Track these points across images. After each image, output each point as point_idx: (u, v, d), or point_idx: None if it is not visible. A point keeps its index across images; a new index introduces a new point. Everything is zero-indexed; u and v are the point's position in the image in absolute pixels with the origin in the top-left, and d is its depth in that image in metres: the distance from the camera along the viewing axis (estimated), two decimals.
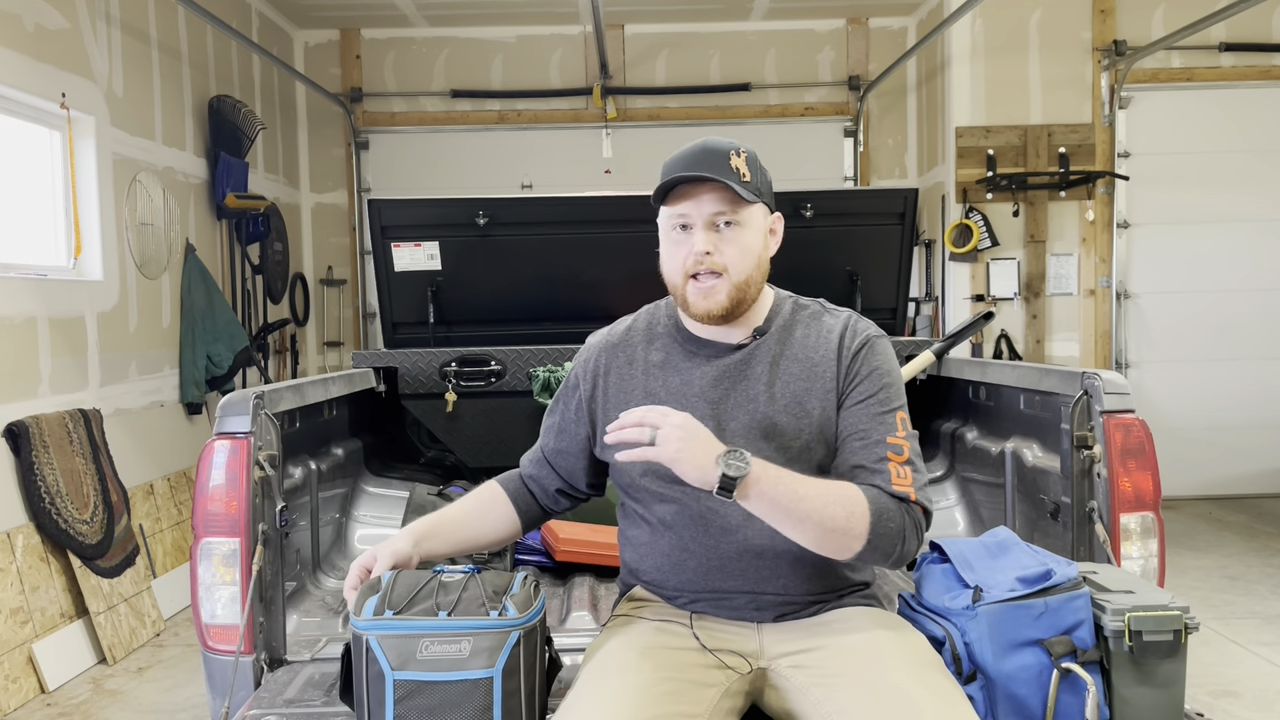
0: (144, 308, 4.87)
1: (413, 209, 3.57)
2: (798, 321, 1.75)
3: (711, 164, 1.64)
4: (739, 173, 1.65)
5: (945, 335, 3.33)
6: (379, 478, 3.21)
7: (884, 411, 1.66)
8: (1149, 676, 1.64)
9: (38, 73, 4.10)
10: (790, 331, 1.74)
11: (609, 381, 1.79)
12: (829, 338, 1.72)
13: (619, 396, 1.77)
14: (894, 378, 1.71)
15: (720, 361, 1.72)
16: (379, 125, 7.28)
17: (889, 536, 1.56)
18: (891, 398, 1.68)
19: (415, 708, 1.48)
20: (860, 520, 1.54)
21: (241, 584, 2.00)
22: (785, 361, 1.70)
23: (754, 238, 1.68)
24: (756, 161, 1.70)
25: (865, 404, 1.67)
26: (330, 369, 7.30)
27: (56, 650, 3.79)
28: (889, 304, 3.74)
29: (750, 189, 1.65)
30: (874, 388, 1.68)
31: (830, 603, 1.70)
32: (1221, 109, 6.45)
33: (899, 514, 1.58)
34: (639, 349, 1.79)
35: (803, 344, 1.72)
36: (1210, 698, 3.47)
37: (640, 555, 1.77)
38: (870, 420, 1.66)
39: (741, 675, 1.64)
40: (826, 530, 1.52)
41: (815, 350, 1.71)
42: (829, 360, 1.70)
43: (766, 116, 7.27)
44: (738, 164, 1.65)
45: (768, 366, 1.70)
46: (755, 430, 1.67)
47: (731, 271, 1.66)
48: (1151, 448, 2.09)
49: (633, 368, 1.78)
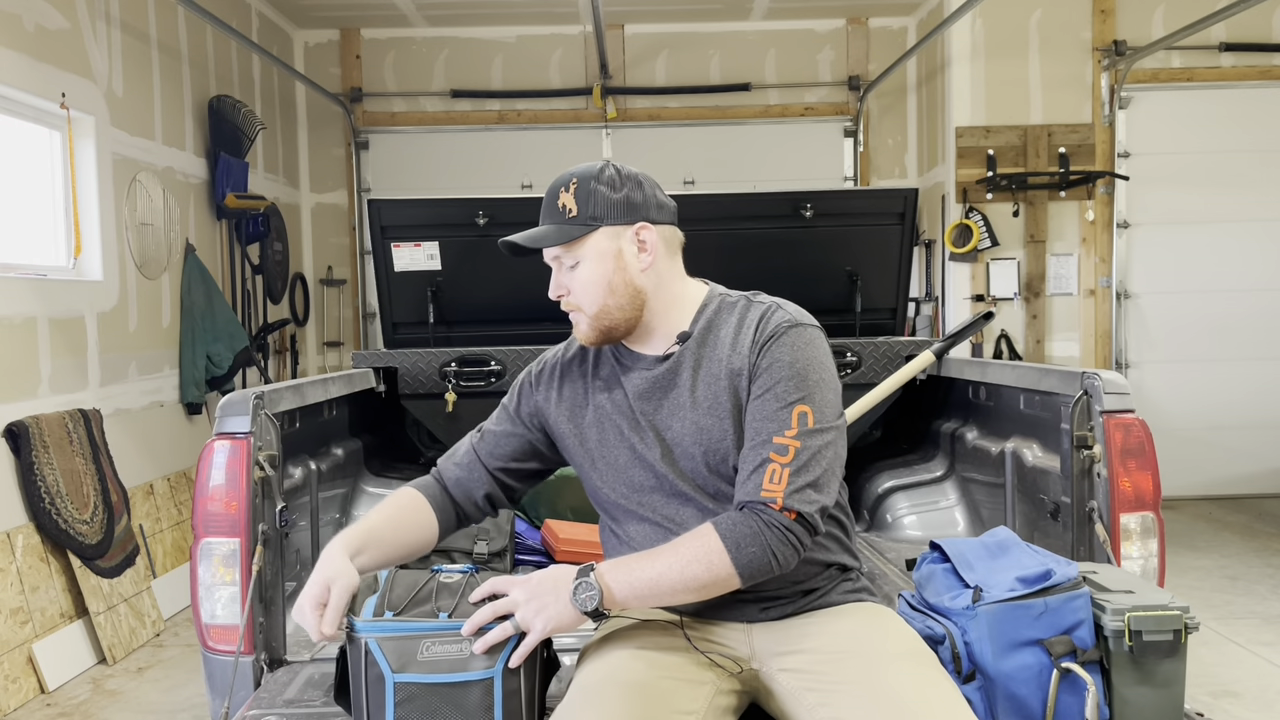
0: (144, 308, 4.87)
1: (413, 209, 3.57)
2: (721, 320, 1.72)
3: (546, 209, 1.71)
4: (565, 210, 1.68)
5: (945, 335, 3.33)
6: (379, 478, 3.20)
7: (779, 408, 1.59)
8: (1149, 676, 1.64)
9: (38, 73, 4.10)
10: (714, 331, 1.71)
11: (562, 396, 1.81)
12: (746, 333, 1.67)
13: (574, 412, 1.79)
14: (797, 369, 1.61)
15: (649, 373, 1.72)
16: (379, 125, 7.28)
17: (758, 561, 1.53)
18: (788, 391, 1.59)
19: (416, 710, 1.47)
20: (721, 564, 1.52)
21: (241, 584, 2.00)
22: (707, 363, 1.69)
23: (594, 268, 1.67)
24: (594, 184, 1.67)
25: (761, 399, 1.61)
26: (330, 369, 7.30)
27: (56, 650, 3.79)
28: (889, 304, 3.74)
29: (579, 222, 1.66)
30: (771, 381, 1.61)
31: (819, 593, 1.69)
32: (1221, 109, 6.45)
33: (756, 534, 1.52)
34: (590, 365, 1.81)
35: (723, 342, 1.69)
36: (1210, 698, 3.47)
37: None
38: (762, 418, 1.60)
39: (733, 675, 1.64)
40: (698, 589, 1.53)
41: (733, 349, 1.67)
42: (743, 356, 1.65)
43: (766, 116, 7.27)
44: (565, 200, 1.68)
45: (691, 371, 1.69)
46: (688, 436, 1.67)
47: (585, 306, 1.70)
48: (1151, 448, 2.09)
49: (585, 382, 1.80)
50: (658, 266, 1.71)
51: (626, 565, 1.54)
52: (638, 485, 1.71)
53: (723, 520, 1.56)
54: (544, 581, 1.53)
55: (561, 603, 1.50)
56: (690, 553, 1.53)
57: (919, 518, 3.17)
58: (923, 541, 2.98)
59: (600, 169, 1.70)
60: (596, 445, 1.75)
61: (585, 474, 1.79)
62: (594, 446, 1.76)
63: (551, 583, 1.53)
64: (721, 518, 1.57)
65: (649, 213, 1.70)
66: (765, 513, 1.54)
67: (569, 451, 1.81)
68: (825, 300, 3.50)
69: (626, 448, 1.72)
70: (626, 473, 1.72)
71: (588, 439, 1.77)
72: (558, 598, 1.51)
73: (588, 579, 1.51)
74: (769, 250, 3.54)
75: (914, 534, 3.14)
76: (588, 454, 1.77)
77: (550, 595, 1.51)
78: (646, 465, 1.70)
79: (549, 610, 1.50)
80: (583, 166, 1.72)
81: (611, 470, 1.73)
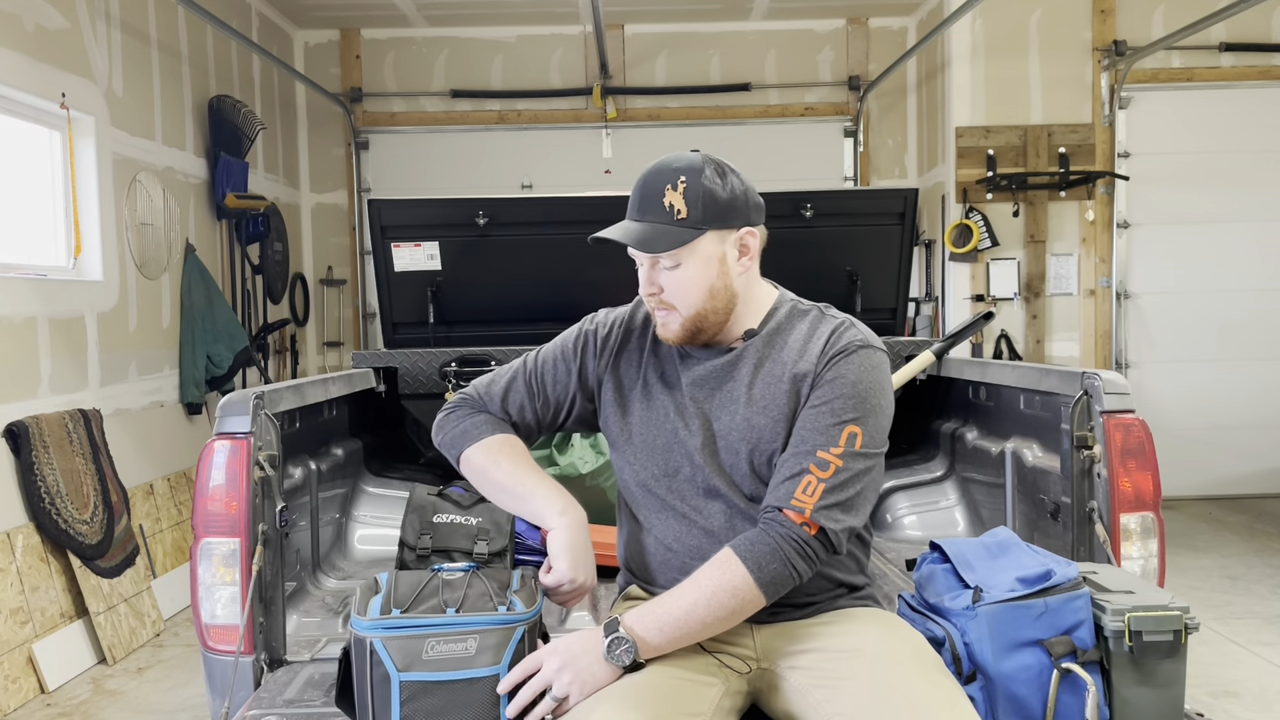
0: (144, 308, 4.87)
1: (413, 209, 3.57)
2: (792, 325, 1.72)
3: (645, 205, 1.64)
4: (673, 210, 1.61)
5: (945, 335, 3.33)
6: (379, 478, 3.21)
7: (832, 423, 1.59)
8: (1149, 676, 1.64)
9: (38, 73, 4.10)
10: (782, 335, 1.71)
11: (620, 358, 1.80)
12: (816, 342, 1.68)
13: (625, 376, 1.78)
14: (860, 390, 1.61)
15: (710, 363, 1.72)
16: (379, 125, 7.28)
17: (780, 576, 1.54)
18: (845, 409, 1.60)
19: (422, 709, 1.47)
20: (746, 588, 1.52)
21: (241, 584, 2.00)
22: (769, 364, 1.69)
23: (696, 273, 1.63)
24: (704, 184, 1.61)
25: (816, 410, 1.61)
26: (330, 369, 7.30)
27: (56, 650, 3.79)
28: (889, 304, 3.74)
29: (689, 225, 1.61)
30: (830, 395, 1.61)
31: (824, 605, 1.69)
32: (1221, 109, 6.45)
33: (775, 550, 1.53)
34: (649, 339, 1.80)
35: (791, 347, 1.69)
36: (1210, 698, 3.47)
37: (632, 550, 1.79)
38: (812, 429, 1.60)
39: (740, 675, 1.64)
40: (728, 617, 1.53)
41: (801, 354, 1.67)
42: (811, 364, 1.65)
43: (766, 116, 7.27)
44: (672, 200, 1.61)
45: (752, 368, 1.69)
46: (736, 432, 1.67)
47: (680, 308, 1.66)
48: (1151, 448, 2.09)
49: (641, 354, 1.79)
50: (750, 269, 1.70)
51: (653, 611, 1.53)
52: (671, 470, 1.70)
53: (740, 543, 1.55)
54: (572, 646, 1.51)
55: (597, 664, 1.49)
56: (714, 584, 1.52)
57: (919, 518, 3.17)
58: (923, 541, 2.98)
59: (703, 164, 1.63)
60: (639, 421, 1.74)
61: (619, 449, 1.77)
62: (635, 422, 1.75)
63: (580, 646, 1.51)
64: (738, 541, 1.56)
65: (751, 215, 1.68)
66: (785, 524, 1.55)
67: (608, 421, 1.79)
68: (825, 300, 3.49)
69: (669, 430, 1.71)
70: (663, 456, 1.71)
71: (631, 412, 1.76)
72: (591, 659, 1.49)
73: (619, 634, 1.49)
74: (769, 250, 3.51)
75: (914, 534, 3.14)
76: (627, 428, 1.75)
77: (583, 658, 1.49)
78: (686, 452, 1.69)
79: (584, 675, 1.49)
80: (685, 160, 1.65)
81: (647, 450, 1.72)
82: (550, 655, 1.50)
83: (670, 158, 1.67)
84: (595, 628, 1.54)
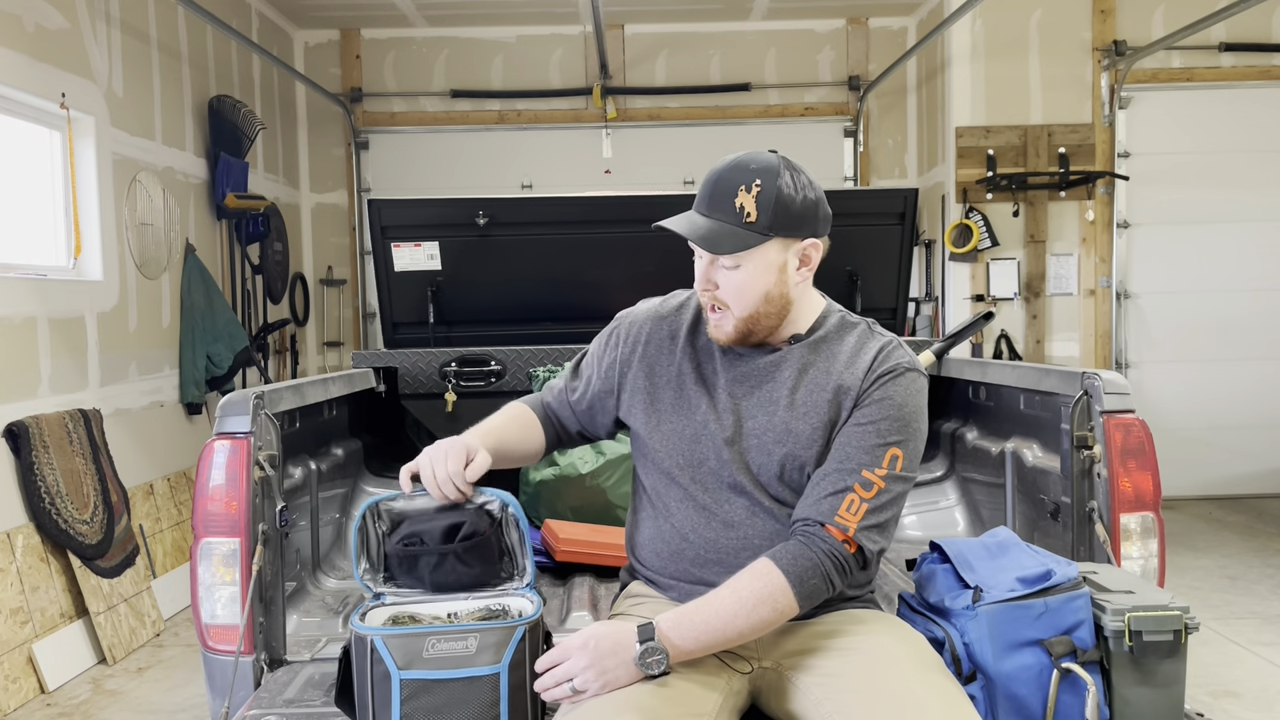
0: (144, 308, 4.87)
1: (413, 209, 3.57)
2: (840, 336, 1.73)
3: (715, 201, 1.62)
4: (742, 212, 1.59)
5: (945, 335, 3.33)
6: (379, 478, 3.21)
7: (878, 444, 1.61)
8: (1149, 676, 1.65)
9: (38, 73, 4.10)
10: (828, 344, 1.72)
11: (646, 350, 1.80)
12: (864, 358, 1.68)
13: (651, 369, 1.78)
14: (906, 413, 1.63)
15: (753, 361, 1.72)
16: (379, 125, 7.28)
17: (817, 592, 1.56)
18: (891, 431, 1.62)
19: (422, 707, 1.47)
20: (786, 601, 1.53)
21: (241, 584, 2.00)
22: (814, 371, 1.69)
23: (755, 277, 1.62)
24: (779, 190, 1.59)
25: (862, 429, 1.63)
26: (330, 369, 7.30)
27: (56, 650, 3.79)
28: (889, 304, 3.74)
29: (758, 229, 1.60)
30: (878, 415, 1.62)
31: (826, 608, 1.69)
32: (1221, 109, 6.45)
33: (817, 567, 1.55)
34: (685, 328, 1.79)
35: (837, 358, 1.69)
36: (1210, 698, 3.47)
37: (643, 537, 1.79)
38: (859, 448, 1.61)
39: (742, 675, 1.64)
40: (763, 628, 1.54)
41: (847, 367, 1.68)
42: (856, 379, 1.66)
43: (766, 116, 7.27)
44: (744, 202, 1.59)
45: (795, 373, 1.69)
46: (770, 434, 1.67)
47: (734, 308, 1.66)
48: (1151, 448, 2.09)
49: (674, 344, 1.79)
50: (807, 278, 1.70)
51: (689, 619, 1.52)
52: (695, 461, 1.70)
53: (782, 555, 1.56)
54: (602, 646, 1.49)
55: (624, 667, 1.48)
56: (755, 595, 1.52)
57: (919, 518, 3.17)
58: (923, 541, 2.98)
59: (779, 169, 1.61)
60: (669, 408, 1.74)
61: (644, 435, 1.76)
62: (665, 408, 1.75)
63: (611, 645, 1.49)
64: (779, 552, 1.56)
65: (818, 226, 1.67)
66: (826, 540, 1.56)
67: (633, 408, 1.79)
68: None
69: (699, 422, 1.71)
70: (689, 446, 1.71)
71: (660, 398, 1.76)
72: (619, 662, 1.48)
73: (654, 643, 1.48)
74: None
75: (914, 534, 3.14)
76: (655, 414, 1.75)
77: (611, 659, 1.48)
78: (714, 445, 1.69)
79: (609, 675, 1.48)
80: (761, 160, 1.62)
81: (674, 438, 1.72)
82: (580, 652, 1.48)
83: (747, 157, 1.64)
84: (626, 625, 1.51)
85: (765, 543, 1.65)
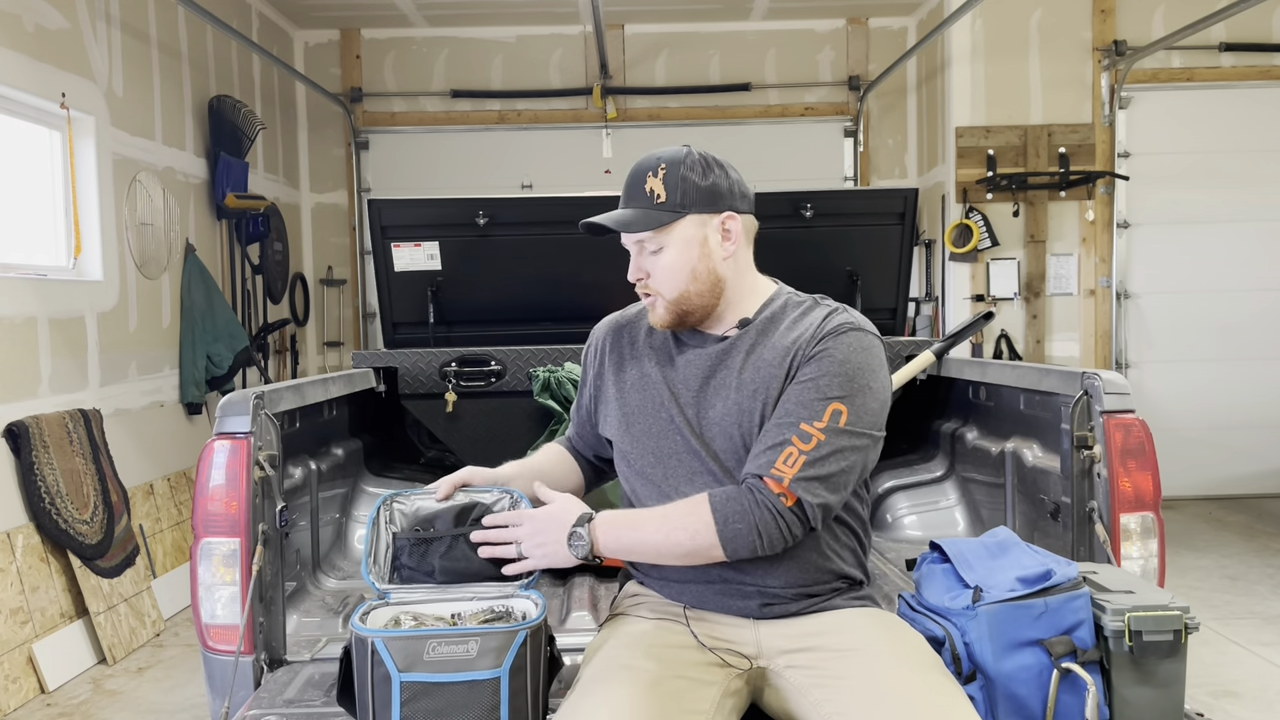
0: (144, 308, 4.87)
1: (413, 209, 3.57)
2: (786, 315, 1.75)
3: (630, 192, 1.73)
4: (653, 195, 1.69)
5: (945, 335, 3.33)
6: (379, 478, 3.21)
7: (817, 398, 1.60)
8: (1149, 676, 1.64)
9: (38, 73, 4.10)
10: (775, 324, 1.74)
11: (611, 360, 1.86)
12: (807, 323, 1.70)
13: (618, 377, 1.84)
14: (847, 369, 1.62)
15: (704, 351, 1.75)
16: (379, 125, 7.28)
17: (742, 539, 1.57)
18: (830, 387, 1.61)
19: (422, 709, 1.47)
20: (706, 535, 1.58)
21: (241, 584, 2.00)
22: (761, 350, 1.71)
23: (678, 255, 1.69)
24: (682, 170, 1.68)
25: (801, 386, 1.63)
26: (330, 369, 7.30)
27: (56, 650, 3.79)
28: (889, 304, 3.74)
29: (667, 208, 1.67)
30: (817, 372, 1.62)
31: (821, 598, 1.69)
32: (1221, 109, 6.45)
33: (746, 511, 1.57)
34: (643, 332, 1.85)
35: (784, 335, 1.71)
36: (1210, 698, 3.47)
37: None
38: (797, 403, 1.62)
39: (740, 674, 1.64)
40: (681, 555, 1.61)
41: (794, 340, 1.69)
42: (800, 342, 1.67)
43: (766, 116, 7.27)
44: (653, 185, 1.69)
45: (744, 355, 1.71)
46: (729, 418, 1.69)
47: (664, 291, 1.72)
48: (1151, 448, 2.09)
49: (635, 348, 1.84)
50: (738, 255, 1.74)
51: (618, 522, 1.64)
52: (666, 454, 1.73)
53: (717, 494, 1.60)
54: (548, 521, 1.65)
55: (559, 544, 1.63)
56: (679, 520, 1.60)
57: (919, 518, 3.17)
58: (923, 541, 2.98)
59: (686, 154, 1.71)
60: (636, 408, 1.78)
61: (619, 436, 1.81)
62: (633, 409, 1.79)
63: (551, 522, 1.65)
64: (717, 491, 1.61)
65: (734, 201, 1.72)
66: (763, 491, 1.58)
67: (608, 417, 1.84)
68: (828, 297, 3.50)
69: (665, 417, 1.74)
70: (659, 441, 1.74)
71: (628, 401, 1.80)
72: (556, 539, 1.63)
73: (581, 530, 1.62)
74: (769, 250, 3.51)
75: (914, 534, 3.14)
76: (625, 416, 1.80)
77: (549, 535, 1.64)
78: (681, 438, 1.72)
79: (547, 548, 1.64)
80: (669, 151, 1.72)
81: (646, 436, 1.76)
82: (528, 521, 1.67)
83: (658, 151, 1.73)
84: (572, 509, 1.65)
85: None
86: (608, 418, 1.84)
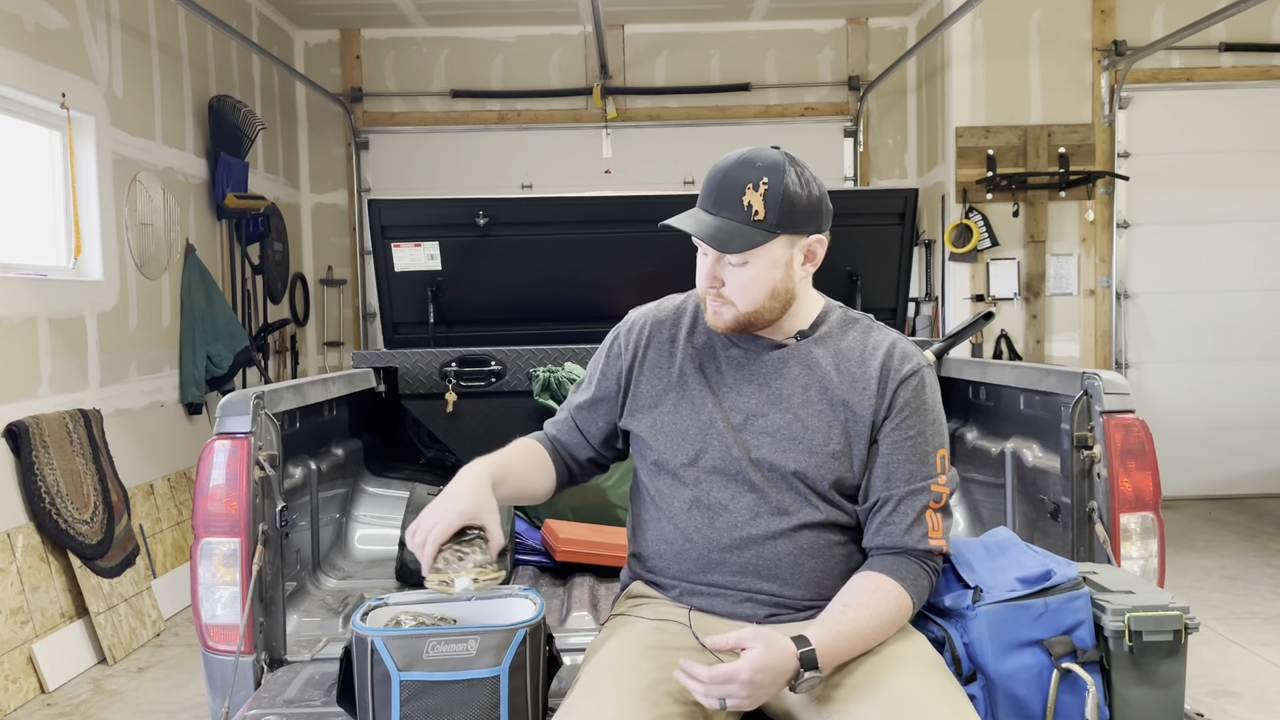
0: (144, 308, 4.87)
1: (413, 209, 3.57)
2: (844, 332, 1.74)
3: (721, 199, 1.62)
4: (750, 210, 1.59)
5: (945, 335, 3.33)
6: (379, 478, 3.21)
7: (930, 452, 1.67)
8: (1149, 676, 1.64)
9: (38, 73, 4.10)
10: (835, 340, 1.73)
11: (647, 355, 1.80)
12: (874, 354, 1.70)
13: (654, 372, 1.78)
14: (936, 414, 1.71)
15: (759, 358, 1.73)
16: (379, 125, 7.28)
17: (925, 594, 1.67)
18: (934, 436, 1.69)
19: (422, 708, 1.47)
20: (909, 611, 1.63)
21: (241, 584, 1.99)
22: (825, 368, 1.70)
23: (762, 274, 1.63)
24: (785, 187, 1.60)
25: (912, 441, 1.67)
26: (330, 369, 7.30)
27: (56, 650, 3.79)
28: (889, 304, 3.74)
29: (766, 227, 1.60)
30: (919, 425, 1.67)
31: (827, 603, 1.69)
32: (1221, 109, 6.45)
33: (927, 577, 1.66)
34: (684, 329, 1.80)
35: (846, 355, 1.71)
36: (1210, 698, 3.47)
37: (646, 538, 1.78)
38: (916, 460, 1.66)
39: None
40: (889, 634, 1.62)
41: (859, 364, 1.69)
42: (871, 377, 1.68)
43: (766, 117, 7.27)
44: (751, 200, 1.59)
45: (805, 369, 1.70)
46: (786, 431, 1.67)
47: (739, 304, 1.66)
48: (1151, 448, 2.09)
49: (674, 346, 1.79)
50: (810, 273, 1.72)
51: (840, 648, 1.52)
52: (702, 460, 1.70)
53: (905, 576, 1.62)
54: (769, 671, 1.44)
55: (779, 687, 1.47)
56: (891, 616, 1.59)
57: None
58: None
59: (785, 165, 1.62)
60: (671, 410, 1.74)
61: (648, 437, 1.76)
62: (668, 409, 1.75)
63: (773, 675, 1.45)
64: (903, 573, 1.63)
65: (822, 222, 1.68)
66: (931, 560, 1.66)
67: (635, 413, 1.79)
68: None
69: (704, 420, 1.71)
70: (694, 443, 1.71)
71: (663, 400, 1.76)
72: (776, 686, 1.46)
73: (812, 675, 1.47)
74: None
75: None
76: (659, 415, 1.75)
77: (772, 686, 1.45)
78: (721, 443, 1.69)
79: (760, 694, 1.44)
80: (767, 157, 1.62)
81: (678, 436, 1.72)
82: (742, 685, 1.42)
83: (753, 154, 1.64)
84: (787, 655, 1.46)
85: (769, 542, 1.65)
86: (637, 413, 1.79)
